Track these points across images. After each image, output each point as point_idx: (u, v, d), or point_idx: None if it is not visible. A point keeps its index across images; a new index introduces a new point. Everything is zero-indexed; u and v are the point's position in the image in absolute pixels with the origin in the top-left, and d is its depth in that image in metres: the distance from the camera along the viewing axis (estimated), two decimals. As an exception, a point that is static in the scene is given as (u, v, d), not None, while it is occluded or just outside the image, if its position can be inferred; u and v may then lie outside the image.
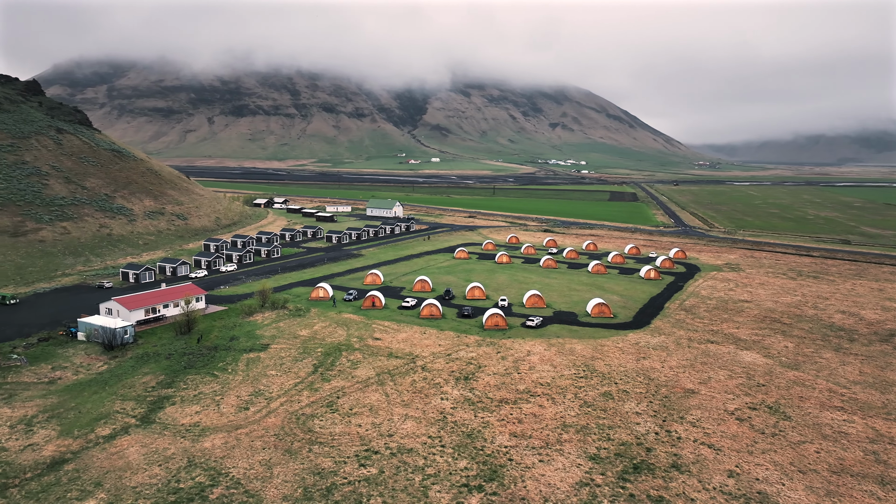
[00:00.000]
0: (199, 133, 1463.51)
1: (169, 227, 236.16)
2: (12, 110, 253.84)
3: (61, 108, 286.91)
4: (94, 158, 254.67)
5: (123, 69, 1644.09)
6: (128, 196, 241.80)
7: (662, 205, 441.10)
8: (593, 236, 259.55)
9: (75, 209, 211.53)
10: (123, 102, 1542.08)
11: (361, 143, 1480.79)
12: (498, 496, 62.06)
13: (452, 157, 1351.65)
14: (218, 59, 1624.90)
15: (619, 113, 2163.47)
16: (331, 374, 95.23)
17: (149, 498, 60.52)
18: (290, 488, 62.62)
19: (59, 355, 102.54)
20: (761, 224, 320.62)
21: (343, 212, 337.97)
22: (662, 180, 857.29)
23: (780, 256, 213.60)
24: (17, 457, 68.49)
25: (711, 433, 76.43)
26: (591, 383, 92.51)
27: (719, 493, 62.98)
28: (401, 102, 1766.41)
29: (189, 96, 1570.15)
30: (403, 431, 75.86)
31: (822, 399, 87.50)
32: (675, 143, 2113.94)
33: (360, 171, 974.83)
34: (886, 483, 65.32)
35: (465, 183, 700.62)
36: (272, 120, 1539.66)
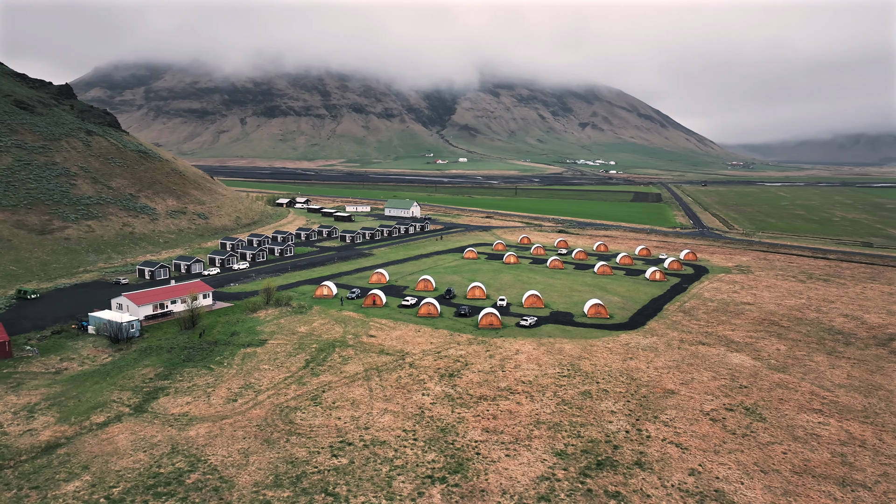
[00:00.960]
0: (232, 133, 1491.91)
1: (190, 226, 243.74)
2: (45, 113, 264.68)
3: (92, 110, 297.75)
4: (121, 159, 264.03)
5: (160, 72, 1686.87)
6: (151, 196, 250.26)
7: (685, 206, 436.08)
8: (607, 237, 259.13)
9: (100, 208, 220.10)
10: (160, 104, 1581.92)
11: (390, 144, 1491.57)
12: (459, 488, 64.48)
13: (480, 158, 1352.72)
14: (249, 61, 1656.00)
15: (651, 112, 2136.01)
16: (321, 369, 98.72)
17: (130, 481, 64.57)
18: (262, 475, 66.03)
19: (69, 347, 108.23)
20: (783, 226, 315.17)
21: (362, 212, 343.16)
22: (691, 181, 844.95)
23: (794, 259, 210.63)
24: (15, 440, 73.41)
25: (682, 432, 77.54)
26: (572, 382, 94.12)
27: (676, 491, 64.36)
28: (430, 103, 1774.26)
29: (222, 97, 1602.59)
30: (380, 425, 78.74)
31: (802, 401, 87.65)
32: (707, 143, 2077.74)
33: (387, 172, 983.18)
34: (847, 484, 65.81)
35: (489, 183, 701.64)
36: (303, 120, 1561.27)
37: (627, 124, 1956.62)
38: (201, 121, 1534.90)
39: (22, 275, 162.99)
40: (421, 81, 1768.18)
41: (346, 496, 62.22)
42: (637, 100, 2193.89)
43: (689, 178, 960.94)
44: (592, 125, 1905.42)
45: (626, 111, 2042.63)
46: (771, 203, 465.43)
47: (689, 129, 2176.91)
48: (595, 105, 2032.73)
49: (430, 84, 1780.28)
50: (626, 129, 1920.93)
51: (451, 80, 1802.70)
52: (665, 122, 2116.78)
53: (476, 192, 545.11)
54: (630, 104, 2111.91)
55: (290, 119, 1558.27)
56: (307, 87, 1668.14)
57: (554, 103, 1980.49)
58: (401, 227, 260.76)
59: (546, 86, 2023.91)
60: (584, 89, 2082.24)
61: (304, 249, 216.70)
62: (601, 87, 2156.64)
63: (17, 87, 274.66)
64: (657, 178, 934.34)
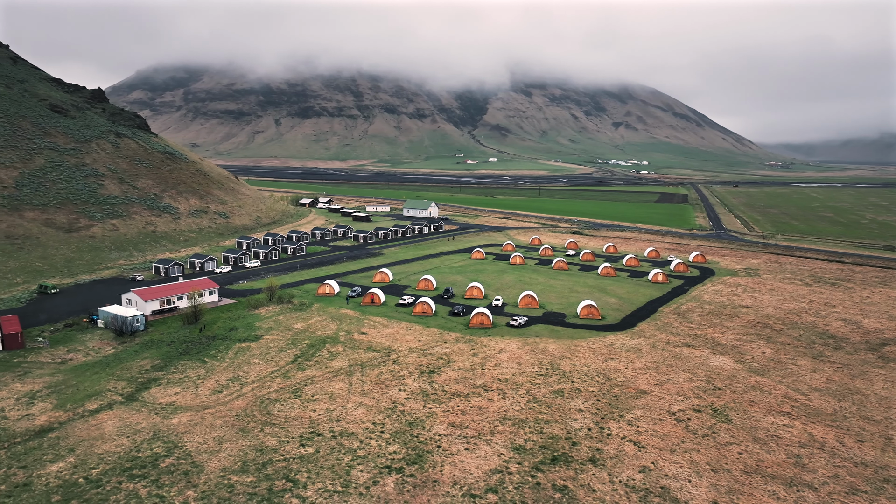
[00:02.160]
0: (267, 134, 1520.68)
1: (210, 225, 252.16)
2: (78, 116, 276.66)
3: (122, 113, 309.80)
4: (148, 160, 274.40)
5: (198, 74, 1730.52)
6: (175, 196, 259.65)
7: (709, 207, 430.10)
8: (621, 239, 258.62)
9: (125, 208, 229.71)
10: (198, 105, 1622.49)
11: (421, 144, 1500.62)
12: (413, 478, 67.74)
13: (510, 158, 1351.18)
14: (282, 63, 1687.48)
15: (687, 111, 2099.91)
16: (308, 363, 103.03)
17: (109, 463, 69.62)
18: (231, 461, 70.38)
19: (78, 339, 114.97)
20: (805, 228, 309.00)
21: (382, 212, 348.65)
22: (723, 182, 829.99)
23: (806, 262, 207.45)
24: (13, 424, 79.37)
25: (643, 431, 79.29)
26: (548, 381, 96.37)
27: (622, 486, 66.44)
28: (461, 103, 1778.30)
29: (258, 99, 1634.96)
30: (352, 417, 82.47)
31: (772, 404, 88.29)
32: (745, 143, 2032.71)
33: (415, 172, 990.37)
34: (794, 485, 66.90)
35: (515, 184, 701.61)
36: (335, 121, 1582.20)
37: (662, 124, 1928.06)
38: (237, 122, 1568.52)
39: (47, 270, 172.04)
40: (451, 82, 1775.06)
41: (305, 483, 66.07)
42: (672, 98, 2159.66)
43: (723, 178, 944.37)
44: (626, 125, 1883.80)
45: (661, 110, 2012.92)
46: (800, 205, 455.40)
47: (726, 129, 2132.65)
48: (629, 104, 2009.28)
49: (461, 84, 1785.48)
50: (660, 128, 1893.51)
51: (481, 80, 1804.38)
52: (701, 121, 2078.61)
53: (500, 193, 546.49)
54: (665, 103, 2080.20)
55: (323, 119, 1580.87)
56: (340, 88, 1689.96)
57: (587, 103, 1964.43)
58: (415, 228, 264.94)
59: (579, 85, 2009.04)
60: (618, 88, 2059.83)
61: (316, 249, 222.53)
62: (635, 85, 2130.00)
63: (52, 92, 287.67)
64: (689, 178, 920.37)
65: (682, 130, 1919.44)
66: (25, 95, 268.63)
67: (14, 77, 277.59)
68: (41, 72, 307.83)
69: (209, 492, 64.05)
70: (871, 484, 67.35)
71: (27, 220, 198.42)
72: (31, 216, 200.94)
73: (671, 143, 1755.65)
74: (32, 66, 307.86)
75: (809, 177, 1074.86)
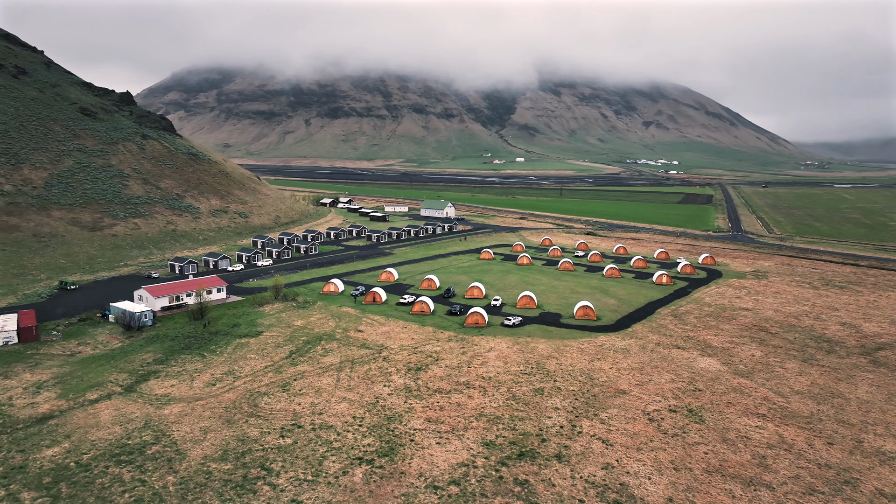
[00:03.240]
0: (297, 134, 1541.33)
1: (230, 225, 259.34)
2: (106, 119, 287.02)
3: (149, 116, 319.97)
4: (172, 161, 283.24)
5: (231, 75, 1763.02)
6: (197, 196, 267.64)
7: (732, 208, 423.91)
8: (634, 240, 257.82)
9: (148, 207, 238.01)
10: (230, 106, 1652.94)
11: (448, 144, 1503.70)
12: (382, 469, 70.87)
13: (538, 157, 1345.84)
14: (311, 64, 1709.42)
15: (720, 110, 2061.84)
16: (301, 359, 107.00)
17: (100, 449, 74.34)
18: (213, 450, 74.46)
19: (89, 333, 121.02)
20: (827, 230, 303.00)
21: (400, 212, 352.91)
22: (753, 182, 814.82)
23: (819, 264, 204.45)
24: (18, 411, 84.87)
25: (614, 430, 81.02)
26: (531, 379, 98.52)
27: (582, 482, 68.50)
28: (490, 102, 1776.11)
29: (288, 99, 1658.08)
30: (333, 411, 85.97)
31: (749, 406, 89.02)
32: (780, 142, 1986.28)
33: (441, 172, 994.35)
34: (752, 485, 68.09)
35: (539, 184, 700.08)
36: (364, 121, 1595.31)
37: (694, 123, 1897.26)
38: (268, 122, 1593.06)
39: (69, 267, 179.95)
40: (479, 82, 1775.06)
41: (279, 471, 69.74)
42: (704, 97, 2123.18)
43: (755, 178, 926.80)
44: (657, 124, 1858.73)
45: (693, 109, 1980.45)
46: (828, 206, 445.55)
47: (760, 128, 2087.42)
48: (660, 103, 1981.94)
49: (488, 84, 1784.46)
50: (692, 127, 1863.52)
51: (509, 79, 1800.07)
52: (735, 120, 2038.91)
53: (521, 193, 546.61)
54: (697, 102, 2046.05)
55: (352, 120, 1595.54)
56: (369, 89, 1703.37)
57: (617, 102, 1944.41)
58: (428, 228, 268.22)
59: (609, 84, 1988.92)
60: (649, 87, 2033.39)
61: (329, 248, 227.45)
62: (667, 84, 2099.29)
63: (83, 95, 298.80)
64: (719, 178, 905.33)
65: (715, 129, 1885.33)
66: (57, 99, 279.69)
67: (47, 82, 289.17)
68: (73, 76, 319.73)
69: (188, 478, 68.14)
70: (830, 485, 68.14)
71: (54, 218, 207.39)
72: (57, 215, 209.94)
73: (703, 143, 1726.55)
74: (65, 71, 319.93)
75: (845, 177, 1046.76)
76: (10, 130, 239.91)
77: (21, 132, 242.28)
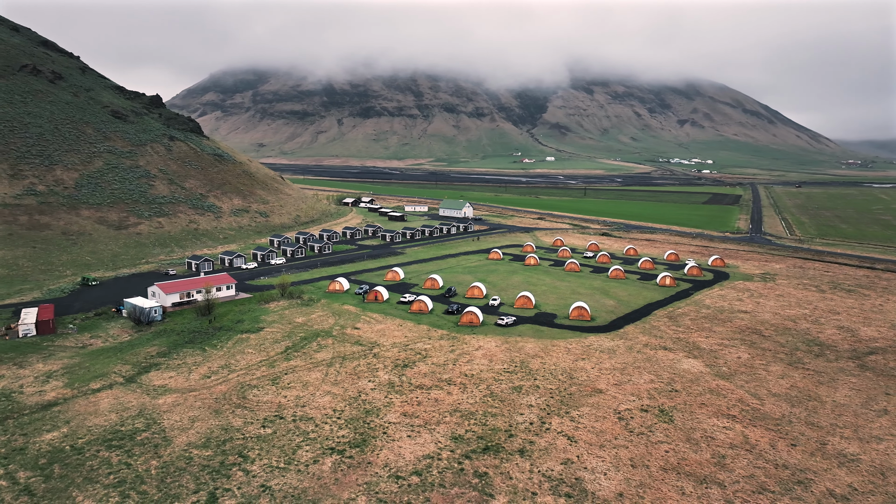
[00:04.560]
0: (329, 134, 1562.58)
1: (250, 224, 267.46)
2: (136, 121, 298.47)
3: (177, 118, 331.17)
4: (197, 162, 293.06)
5: (266, 76, 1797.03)
6: (220, 195, 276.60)
7: (757, 209, 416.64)
8: (648, 241, 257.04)
9: (172, 206, 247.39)
10: (265, 106, 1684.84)
11: (479, 143, 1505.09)
12: (351, 459, 74.91)
13: (569, 157, 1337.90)
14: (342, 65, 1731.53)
15: (758, 108, 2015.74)
16: (295, 355, 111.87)
17: (95, 434, 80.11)
18: (197, 437, 79.53)
19: (102, 327, 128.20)
20: (851, 232, 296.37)
21: (419, 211, 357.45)
22: (788, 181, 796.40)
23: (832, 267, 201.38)
24: (26, 398, 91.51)
25: (581, 427, 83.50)
26: (512, 378, 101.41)
27: (539, 476, 71.36)
28: (521, 101, 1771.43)
29: (321, 100, 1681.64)
30: (316, 404, 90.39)
31: (721, 407, 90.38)
32: (821, 140, 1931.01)
33: (469, 171, 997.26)
34: (704, 482, 70.03)
35: (566, 183, 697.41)
36: (396, 121, 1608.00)
37: (731, 121, 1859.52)
38: (302, 122, 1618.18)
39: (94, 264, 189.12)
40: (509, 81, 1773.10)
41: (255, 459, 74.36)
42: (742, 94, 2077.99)
43: (792, 178, 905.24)
44: (692, 122, 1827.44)
45: (729, 107, 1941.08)
46: (859, 207, 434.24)
47: (800, 126, 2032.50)
48: (696, 101, 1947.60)
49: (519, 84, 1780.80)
50: (728, 125, 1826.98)
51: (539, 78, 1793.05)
52: (773, 117, 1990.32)
53: (545, 193, 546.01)
54: (734, 99, 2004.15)
55: (383, 119, 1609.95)
56: (400, 88, 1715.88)
57: (651, 100, 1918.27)
58: (443, 228, 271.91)
59: (643, 82, 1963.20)
60: (685, 84, 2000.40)
61: (342, 247, 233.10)
62: (703, 81, 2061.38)
63: (115, 99, 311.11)
64: (753, 178, 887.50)
65: (752, 128, 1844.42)
66: (90, 103, 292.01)
67: (81, 86, 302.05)
68: (106, 80, 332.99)
69: (170, 462, 73.26)
70: (782, 485, 69.61)
71: (83, 217, 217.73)
72: (86, 214, 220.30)
73: (739, 141, 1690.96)
74: (99, 75, 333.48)
75: (887, 176, 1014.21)
76: (45, 133, 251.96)
77: (55, 135, 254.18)
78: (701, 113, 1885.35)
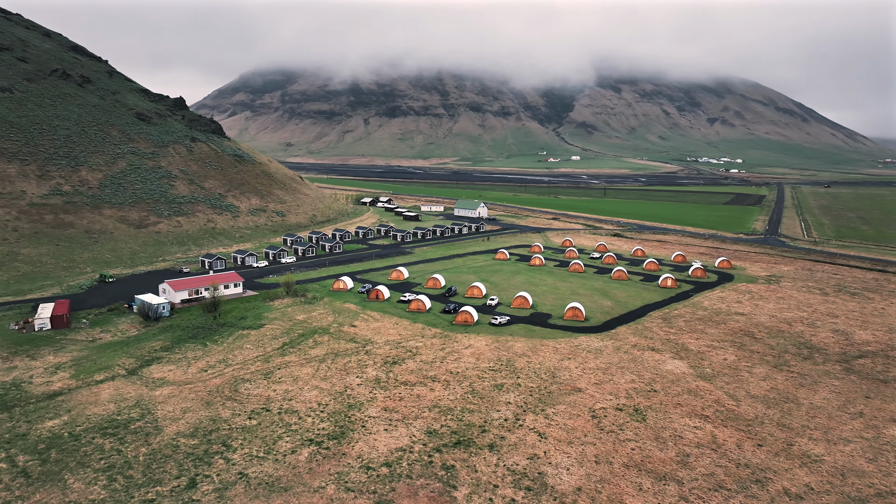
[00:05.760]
0: (356, 133, 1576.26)
1: (266, 223, 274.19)
2: (159, 123, 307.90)
3: (200, 119, 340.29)
4: (217, 163, 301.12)
5: (294, 77, 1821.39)
6: (238, 195, 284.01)
7: (778, 210, 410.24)
8: (658, 242, 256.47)
9: (191, 206, 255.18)
10: (293, 106, 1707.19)
11: (504, 142, 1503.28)
12: (327, 450, 78.80)
13: (594, 156, 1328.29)
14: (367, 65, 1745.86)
15: (791, 105, 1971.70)
16: (291, 350, 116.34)
17: (92, 423, 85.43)
18: (186, 427, 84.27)
19: (113, 322, 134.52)
20: (871, 234, 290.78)
21: (435, 211, 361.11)
22: (818, 181, 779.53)
23: (842, 270, 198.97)
24: (34, 388, 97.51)
25: (553, 425, 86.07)
26: (496, 376, 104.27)
27: (503, 469, 74.29)
28: (548, 100, 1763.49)
29: (348, 99, 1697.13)
30: (302, 398, 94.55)
31: (696, 408, 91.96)
32: (858, 139, 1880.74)
33: (493, 170, 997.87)
34: (663, 479, 72.14)
35: (588, 183, 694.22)
36: (421, 120, 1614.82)
37: (762, 119, 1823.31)
38: (329, 121, 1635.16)
39: (113, 262, 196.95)
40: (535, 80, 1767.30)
41: (237, 448, 78.75)
42: (775, 92, 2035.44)
43: (824, 177, 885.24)
44: (722, 120, 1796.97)
45: (761, 105, 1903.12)
46: (885, 208, 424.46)
47: (835, 123, 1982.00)
48: (726, 99, 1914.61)
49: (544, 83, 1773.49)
50: (760, 124, 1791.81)
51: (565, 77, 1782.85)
52: (807, 115, 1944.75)
53: (565, 193, 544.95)
54: (767, 97, 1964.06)
55: (409, 119, 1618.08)
56: (426, 88, 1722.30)
57: (680, 98, 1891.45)
58: (455, 228, 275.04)
59: (672, 80, 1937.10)
60: (715, 82, 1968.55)
61: (353, 246, 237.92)
62: (734, 79, 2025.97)
63: (140, 101, 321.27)
64: (782, 177, 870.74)
65: (785, 126, 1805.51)
66: (116, 105, 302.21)
67: (108, 89, 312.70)
68: (133, 83, 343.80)
69: (158, 449, 78.04)
70: (739, 484, 71.33)
71: (105, 216, 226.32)
72: (108, 213, 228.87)
73: (771, 140, 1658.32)
74: (126, 79, 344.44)
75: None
76: (72, 135, 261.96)
77: (82, 137, 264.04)
78: (732, 111, 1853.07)
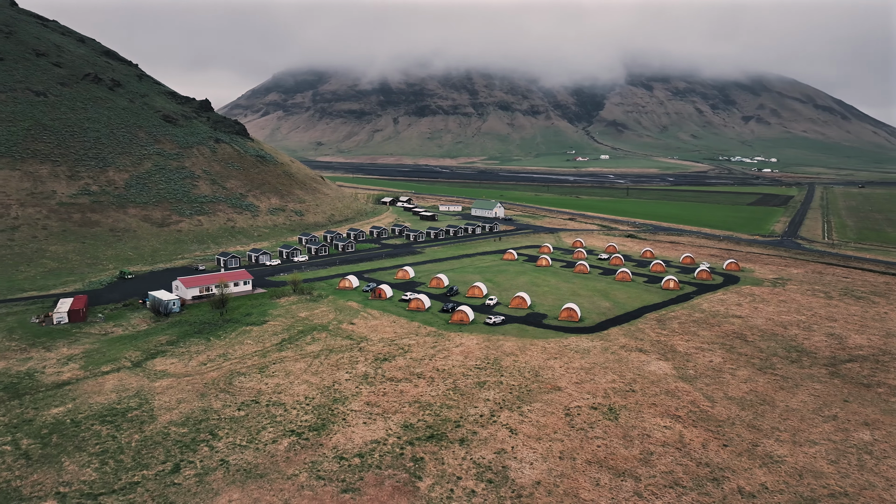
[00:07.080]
0: (385, 132, 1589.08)
1: (285, 222, 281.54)
2: (185, 125, 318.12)
3: (224, 121, 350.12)
4: (240, 163, 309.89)
5: (325, 77, 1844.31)
6: (258, 195, 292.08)
7: (803, 211, 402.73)
8: (671, 243, 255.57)
9: (212, 206, 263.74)
10: (324, 106, 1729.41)
11: (533, 141, 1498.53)
12: (307, 441, 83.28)
13: (624, 155, 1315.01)
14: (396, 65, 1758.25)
15: (830, 103, 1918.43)
16: (288, 346, 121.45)
17: (93, 411, 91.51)
18: (178, 417, 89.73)
19: (126, 317, 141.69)
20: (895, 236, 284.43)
21: (452, 211, 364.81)
22: (853, 181, 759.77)
23: (853, 273, 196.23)
24: (46, 378, 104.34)
25: (526, 421, 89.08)
26: (480, 373, 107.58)
27: (468, 462, 77.72)
28: (577, 98, 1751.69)
29: (378, 98, 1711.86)
30: (292, 392, 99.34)
31: (670, 408, 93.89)
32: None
33: (519, 170, 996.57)
34: (621, 475, 74.71)
35: (613, 182, 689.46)
36: (450, 119, 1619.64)
37: (800, 117, 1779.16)
38: (359, 121, 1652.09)
39: (135, 259, 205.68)
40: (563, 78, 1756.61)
41: (222, 437, 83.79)
42: (813, 89, 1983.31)
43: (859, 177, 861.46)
44: (757, 118, 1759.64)
45: (799, 102, 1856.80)
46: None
47: (878, 121, 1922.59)
48: (763, 96, 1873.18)
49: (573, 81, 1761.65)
50: (797, 122, 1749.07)
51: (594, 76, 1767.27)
52: (848, 113, 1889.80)
53: (588, 193, 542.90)
54: (805, 94, 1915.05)
55: (438, 118, 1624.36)
56: (455, 87, 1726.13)
57: (714, 96, 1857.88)
58: (468, 228, 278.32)
59: (706, 77, 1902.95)
60: (751, 79, 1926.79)
61: (366, 245, 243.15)
62: (771, 76, 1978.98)
63: (167, 104, 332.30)
64: (816, 177, 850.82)
65: (823, 124, 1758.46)
66: (144, 108, 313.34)
67: (137, 92, 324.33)
68: (161, 86, 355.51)
69: (149, 437, 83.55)
70: (695, 481, 73.48)
71: (129, 215, 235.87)
72: (133, 212, 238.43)
73: (808, 138, 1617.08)
74: (155, 82, 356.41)
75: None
76: (101, 137, 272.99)
77: (110, 138, 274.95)
78: (768, 109, 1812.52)
